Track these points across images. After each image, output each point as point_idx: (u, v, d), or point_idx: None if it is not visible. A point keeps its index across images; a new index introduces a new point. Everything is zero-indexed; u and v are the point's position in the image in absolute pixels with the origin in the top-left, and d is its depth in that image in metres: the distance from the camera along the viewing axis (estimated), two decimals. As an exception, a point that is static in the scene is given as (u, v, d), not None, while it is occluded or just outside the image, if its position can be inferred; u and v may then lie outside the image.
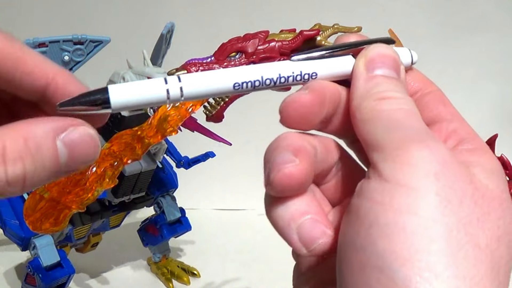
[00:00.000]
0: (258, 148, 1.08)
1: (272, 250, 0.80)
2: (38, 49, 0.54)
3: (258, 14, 0.89)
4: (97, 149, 0.20)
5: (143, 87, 0.21)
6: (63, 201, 0.32)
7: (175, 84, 0.21)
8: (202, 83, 0.22)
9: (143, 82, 0.21)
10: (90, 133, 0.20)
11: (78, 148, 0.19)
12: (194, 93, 0.22)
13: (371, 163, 0.21)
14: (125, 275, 0.74)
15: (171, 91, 0.21)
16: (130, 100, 0.21)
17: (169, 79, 0.22)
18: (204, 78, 0.22)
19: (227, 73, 0.22)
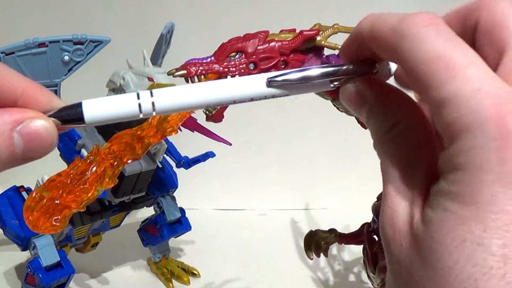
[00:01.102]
0: (258, 148, 1.09)
1: (272, 250, 0.80)
2: (38, 49, 0.54)
3: (258, 14, 0.89)
4: (53, 141, 0.21)
5: (116, 102, 0.22)
6: (63, 201, 0.32)
7: (147, 99, 0.22)
8: (174, 98, 0.22)
9: (116, 97, 0.22)
10: (46, 126, 0.21)
11: (34, 140, 0.21)
12: (166, 108, 0.22)
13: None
14: (125, 275, 0.74)
15: (143, 106, 0.22)
16: (103, 115, 0.22)
17: (142, 94, 0.22)
18: (176, 93, 0.23)
19: (199, 89, 0.23)
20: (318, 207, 0.94)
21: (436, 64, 0.20)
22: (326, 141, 0.96)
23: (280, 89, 0.24)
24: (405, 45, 0.21)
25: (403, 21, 0.22)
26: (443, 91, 0.20)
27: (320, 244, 0.62)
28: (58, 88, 0.57)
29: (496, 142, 0.18)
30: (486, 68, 0.20)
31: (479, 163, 0.18)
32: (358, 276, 0.74)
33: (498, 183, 0.18)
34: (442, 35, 0.21)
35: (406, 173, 0.22)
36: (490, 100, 0.19)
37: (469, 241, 0.18)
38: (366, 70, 0.24)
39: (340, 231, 0.63)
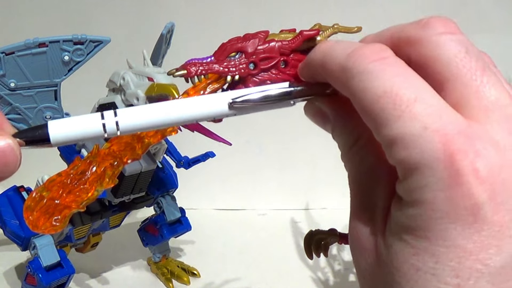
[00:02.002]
0: (258, 148, 1.09)
1: (272, 250, 0.80)
2: (38, 49, 0.54)
3: (258, 14, 0.89)
4: (17, 161, 0.21)
5: (81, 122, 0.22)
6: (63, 201, 0.32)
7: (110, 119, 0.22)
8: (137, 118, 0.23)
9: (81, 118, 0.22)
10: (11, 145, 0.21)
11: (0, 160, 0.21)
12: (130, 127, 0.23)
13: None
14: (125, 275, 0.74)
15: (107, 126, 0.22)
16: (68, 135, 0.22)
17: (106, 114, 0.22)
18: (139, 113, 0.23)
19: (161, 109, 0.23)
20: (318, 207, 0.94)
21: (383, 102, 0.20)
22: (326, 141, 0.95)
23: (242, 110, 0.24)
24: (353, 84, 0.21)
25: (350, 58, 0.22)
26: (392, 130, 0.20)
27: (320, 244, 0.62)
28: (58, 88, 0.57)
29: (445, 182, 0.19)
30: (434, 100, 0.20)
31: (430, 201, 0.19)
32: (358, 276, 0.74)
33: (447, 220, 0.19)
34: (390, 69, 0.21)
35: (369, 187, 0.23)
36: (437, 138, 0.19)
37: (423, 271, 0.19)
38: (322, 91, 0.24)
39: (340, 231, 0.63)
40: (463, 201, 0.19)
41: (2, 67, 0.54)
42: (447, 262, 0.19)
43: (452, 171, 0.19)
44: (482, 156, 0.19)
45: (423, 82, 0.21)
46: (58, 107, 0.58)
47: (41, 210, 0.32)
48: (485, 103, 0.20)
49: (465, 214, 0.19)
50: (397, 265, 0.20)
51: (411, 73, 0.21)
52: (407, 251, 0.20)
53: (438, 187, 0.19)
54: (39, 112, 0.58)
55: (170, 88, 0.54)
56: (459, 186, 0.19)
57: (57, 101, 0.58)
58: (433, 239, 0.19)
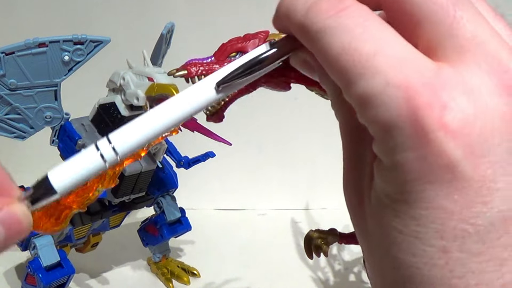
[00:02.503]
0: (258, 148, 1.09)
1: (272, 250, 0.80)
2: (38, 49, 0.54)
3: (258, 14, 0.89)
4: (30, 222, 0.21)
5: (79, 162, 0.21)
6: (63, 201, 0.32)
7: (106, 147, 0.21)
8: (133, 136, 0.22)
9: (76, 158, 0.22)
10: (22, 209, 0.21)
11: (13, 226, 0.20)
12: (129, 148, 0.22)
13: None
14: (125, 275, 0.74)
15: (106, 155, 0.21)
16: (72, 180, 0.21)
17: (100, 144, 0.21)
18: (133, 130, 0.22)
19: (153, 118, 0.22)
20: (318, 207, 0.94)
21: (343, 60, 0.18)
22: (326, 141, 0.96)
23: (230, 89, 0.23)
24: (313, 43, 0.20)
25: (307, 14, 0.20)
26: (356, 89, 0.18)
27: (320, 244, 0.62)
28: (58, 88, 0.57)
29: (412, 141, 0.17)
30: (397, 49, 0.18)
31: (402, 163, 0.18)
32: (358, 276, 0.74)
33: (423, 181, 0.18)
34: (348, 21, 0.19)
35: (358, 139, 0.21)
36: (399, 93, 0.17)
37: (406, 234, 0.18)
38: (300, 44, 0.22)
39: (340, 231, 0.63)
40: (436, 160, 0.17)
41: (2, 67, 0.54)
42: (429, 224, 0.18)
43: (419, 129, 0.17)
44: (450, 108, 0.17)
45: (386, 30, 0.19)
46: (58, 107, 0.58)
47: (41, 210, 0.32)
48: (460, 42, 0.18)
49: (441, 173, 0.17)
50: (382, 228, 0.19)
51: (373, 22, 0.19)
52: (389, 214, 0.19)
53: (408, 147, 0.17)
54: (39, 112, 0.58)
55: (170, 88, 0.54)
56: (428, 145, 0.17)
57: (57, 101, 0.58)
58: (412, 202, 0.18)
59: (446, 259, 0.18)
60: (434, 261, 0.18)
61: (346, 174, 0.22)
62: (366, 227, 0.21)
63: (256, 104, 0.88)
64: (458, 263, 0.18)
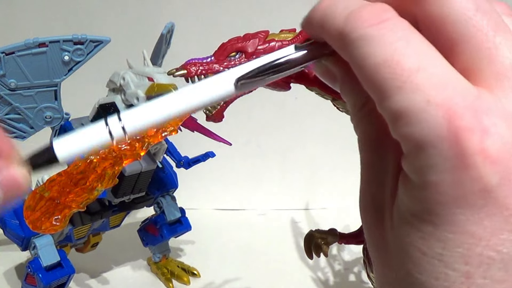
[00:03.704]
0: (258, 148, 1.08)
1: (272, 250, 0.80)
2: (38, 49, 0.54)
3: (258, 14, 0.89)
4: (27, 187, 0.21)
5: (86, 135, 0.22)
6: (63, 200, 0.32)
7: (116, 125, 0.21)
8: (144, 117, 0.22)
9: (85, 130, 0.22)
10: (21, 172, 0.21)
11: (12, 187, 0.20)
12: (138, 128, 0.22)
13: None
14: (125, 275, 0.74)
15: (114, 132, 0.21)
16: (76, 151, 0.21)
17: (110, 121, 0.22)
18: (145, 111, 0.22)
19: (166, 102, 0.22)
20: (318, 207, 0.94)
21: (382, 72, 0.18)
22: (326, 141, 0.96)
23: (249, 86, 0.23)
24: (351, 51, 0.19)
25: (348, 22, 0.19)
26: (392, 103, 0.18)
27: (320, 244, 0.62)
28: (58, 88, 0.57)
29: (450, 162, 0.17)
30: (440, 68, 0.18)
31: (435, 184, 0.18)
32: (358, 276, 0.74)
33: (454, 204, 0.17)
34: (390, 33, 0.18)
35: (379, 154, 0.21)
36: (441, 113, 0.17)
37: (430, 256, 0.18)
38: (327, 51, 0.22)
39: (340, 231, 0.63)
40: (471, 184, 0.17)
41: (2, 67, 0.54)
42: (455, 248, 0.18)
43: (458, 151, 0.17)
44: (491, 133, 0.17)
45: (429, 46, 0.18)
46: (58, 107, 0.58)
47: (41, 210, 0.32)
48: (498, 68, 0.18)
49: (474, 198, 0.17)
50: (404, 247, 0.19)
51: (415, 36, 0.19)
52: (413, 234, 0.18)
53: (444, 169, 0.17)
54: (39, 112, 0.58)
55: (170, 88, 0.54)
56: (466, 168, 0.17)
57: (57, 101, 0.58)
58: (440, 225, 0.18)
59: (468, 285, 0.18)
60: (456, 285, 0.18)
61: (365, 187, 0.22)
62: (384, 243, 0.20)
63: (256, 104, 0.88)
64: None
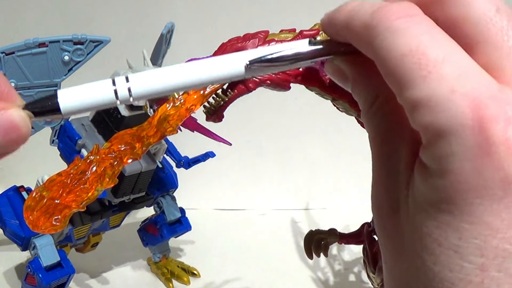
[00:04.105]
0: (258, 148, 1.08)
1: (272, 250, 0.80)
2: (38, 49, 0.54)
3: (258, 14, 0.89)
4: (28, 132, 0.20)
5: (92, 90, 0.21)
6: (63, 200, 0.32)
7: (122, 85, 0.21)
8: (150, 82, 0.22)
9: (91, 85, 0.21)
10: (21, 115, 0.20)
11: (11, 131, 0.20)
12: (143, 93, 0.22)
13: None
14: (125, 275, 0.74)
15: (119, 92, 0.21)
16: (79, 104, 0.21)
17: (117, 79, 0.21)
18: (152, 77, 0.22)
19: (175, 72, 0.22)
20: (318, 207, 0.94)
21: (408, 61, 0.19)
22: (326, 141, 0.96)
23: (258, 71, 0.23)
24: (376, 42, 0.20)
25: (375, 15, 0.20)
26: (416, 92, 0.18)
27: (320, 244, 0.62)
28: (58, 88, 0.57)
29: (473, 151, 0.17)
30: (464, 61, 0.19)
31: (456, 172, 0.18)
32: (358, 276, 0.74)
33: (474, 194, 0.17)
34: (416, 27, 0.19)
35: (390, 150, 0.21)
36: (465, 102, 0.17)
37: (445, 247, 0.18)
38: (340, 50, 0.23)
39: (340, 231, 0.63)
40: (492, 173, 0.17)
41: (2, 67, 0.54)
42: (471, 239, 0.18)
43: (482, 140, 0.17)
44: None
45: (452, 41, 0.19)
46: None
47: (41, 210, 0.32)
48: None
49: (494, 188, 0.17)
50: (419, 237, 0.19)
51: (439, 31, 0.19)
52: (429, 224, 0.19)
53: (466, 157, 0.17)
54: (39, 112, 0.58)
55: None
56: (488, 157, 0.17)
57: (57, 101, 0.58)
58: (458, 214, 0.18)
59: (482, 277, 0.18)
60: (470, 277, 0.18)
61: (377, 179, 0.22)
62: (398, 233, 0.20)
63: (256, 104, 0.88)
64: (493, 282, 0.18)
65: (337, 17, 0.22)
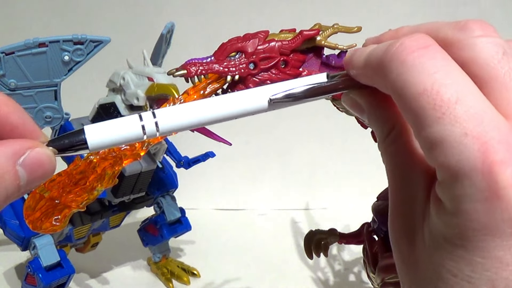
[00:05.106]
0: (258, 148, 1.08)
1: (272, 250, 0.80)
2: (38, 49, 0.54)
3: (258, 14, 0.89)
4: (54, 168, 0.21)
5: (119, 125, 0.22)
6: (63, 200, 0.32)
7: (149, 120, 0.22)
8: (177, 118, 0.22)
9: (118, 121, 0.22)
10: (46, 153, 0.21)
11: (37, 169, 0.20)
12: (170, 128, 0.22)
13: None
14: (125, 275, 0.74)
15: (147, 127, 0.22)
16: (107, 140, 0.21)
17: (144, 115, 0.22)
18: (179, 112, 0.22)
19: (200, 108, 0.23)
20: (318, 207, 0.94)
21: (422, 101, 0.19)
22: (326, 141, 0.96)
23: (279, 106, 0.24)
24: (391, 78, 0.20)
25: (388, 50, 0.21)
26: (431, 132, 0.19)
27: (320, 244, 0.62)
28: (58, 88, 0.57)
29: (483, 193, 0.18)
30: (477, 101, 0.19)
31: (468, 212, 0.19)
32: (358, 276, 0.74)
33: (485, 232, 0.19)
34: (431, 62, 0.20)
35: (406, 181, 0.22)
36: (476, 146, 0.18)
37: (459, 278, 0.19)
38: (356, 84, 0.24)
39: (340, 231, 0.63)
40: (501, 214, 0.18)
41: (2, 67, 0.54)
42: (483, 271, 0.19)
43: (491, 183, 0.18)
44: None
45: (466, 77, 0.20)
46: (58, 107, 0.58)
47: (41, 210, 0.32)
48: None
49: (504, 227, 0.18)
50: (435, 267, 0.20)
51: (453, 66, 0.20)
52: (444, 256, 0.20)
53: (477, 199, 0.18)
54: (39, 112, 0.58)
55: (170, 88, 0.54)
56: (498, 199, 0.18)
57: (57, 101, 0.58)
58: (470, 249, 0.19)
59: None
60: None
61: (395, 209, 0.23)
62: (414, 260, 0.22)
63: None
64: None
65: (358, 58, 0.23)
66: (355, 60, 0.23)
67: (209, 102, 0.23)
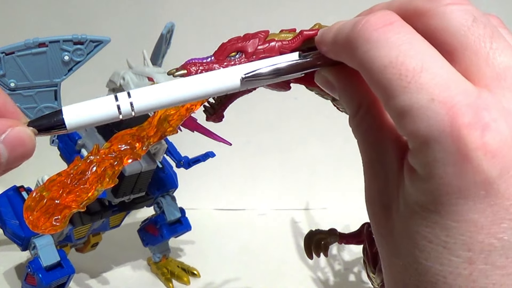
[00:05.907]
0: (258, 148, 1.08)
1: (272, 250, 0.80)
2: (38, 49, 0.54)
3: (258, 14, 0.89)
4: (34, 147, 0.22)
5: (95, 106, 0.22)
6: (63, 200, 0.32)
7: (125, 101, 0.22)
8: (151, 97, 0.23)
9: (95, 101, 0.23)
10: (27, 132, 0.21)
11: (18, 147, 0.21)
12: (144, 107, 0.23)
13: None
14: (125, 275, 0.74)
15: (122, 107, 0.22)
16: (84, 120, 0.22)
17: (120, 95, 0.22)
18: (153, 92, 0.23)
19: (175, 87, 0.23)
20: (318, 207, 0.94)
21: (388, 73, 0.20)
22: (326, 141, 0.96)
23: (253, 84, 0.24)
24: (358, 54, 0.21)
25: (355, 28, 0.21)
26: (399, 102, 0.19)
27: (320, 244, 0.62)
28: (58, 88, 0.57)
29: (453, 157, 0.18)
30: (442, 69, 0.19)
31: (440, 176, 0.19)
32: (358, 276, 0.74)
33: (458, 195, 0.19)
34: (396, 36, 0.20)
35: (378, 154, 0.23)
36: (444, 110, 0.18)
37: (435, 243, 0.20)
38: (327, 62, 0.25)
39: (340, 231, 0.63)
40: (473, 176, 0.18)
41: (2, 67, 0.54)
42: (458, 236, 0.19)
43: (460, 146, 0.18)
44: (491, 129, 0.18)
45: (431, 48, 0.20)
46: (58, 107, 0.58)
47: (41, 210, 0.32)
48: (496, 70, 0.20)
49: (476, 189, 0.18)
50: (411, 236, 0.20)
51: (418, 39, 0.20)
52: (419, 223, 0.20)
53: (448, 162, 0.19)
54: (39, 112, 0.58)
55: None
56: (468, 162, 0.18)
57: (57, 101, 0.58)
58: (444, 214, 0.19)
59: (470, 270, 0.19)
60: (459, 270, 0.19)
61: (369, 183, 0.23)
62: (391, 233, 0.22)
63: (256, 104, 0.88)
64: (482, 274, 0.19)
65: (327, 35, 0.24)
66: (325, 37, 0.24)
67: (184, 81, 0.23)
